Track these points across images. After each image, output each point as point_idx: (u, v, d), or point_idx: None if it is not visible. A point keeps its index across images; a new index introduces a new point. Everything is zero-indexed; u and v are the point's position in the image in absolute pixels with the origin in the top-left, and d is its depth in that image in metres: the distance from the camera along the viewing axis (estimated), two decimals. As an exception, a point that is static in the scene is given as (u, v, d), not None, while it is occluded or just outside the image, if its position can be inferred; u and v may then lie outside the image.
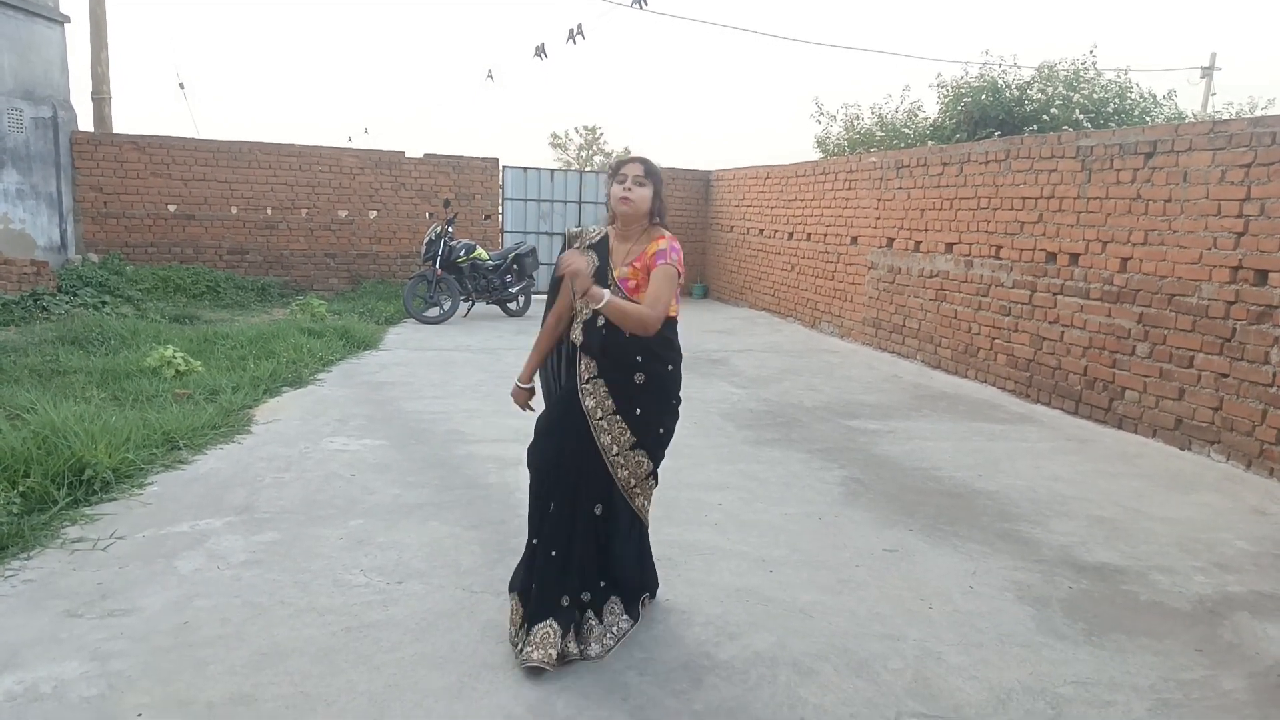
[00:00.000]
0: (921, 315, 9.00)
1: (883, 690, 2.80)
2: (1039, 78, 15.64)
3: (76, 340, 7.73)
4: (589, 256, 2.97)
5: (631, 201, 2.94)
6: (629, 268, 2.96)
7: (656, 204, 3.00)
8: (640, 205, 2.96)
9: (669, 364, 3.04)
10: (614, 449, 2.98)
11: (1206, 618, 3.40)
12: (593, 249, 3.03)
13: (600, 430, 2.97)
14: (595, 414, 2.97)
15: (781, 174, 12.40)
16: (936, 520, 4.38)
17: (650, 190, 2.97)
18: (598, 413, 2.97)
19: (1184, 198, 6.01)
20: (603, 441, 2.97)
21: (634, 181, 2.95)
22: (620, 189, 2.95)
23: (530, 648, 2.81)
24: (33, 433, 4.46)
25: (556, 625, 2.86)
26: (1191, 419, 5.89)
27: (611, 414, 2.97)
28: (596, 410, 2.97)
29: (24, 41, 11.03)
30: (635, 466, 3.02)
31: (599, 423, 2.97)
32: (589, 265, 2.87)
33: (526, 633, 2.87)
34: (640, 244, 2.99)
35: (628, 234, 3.01)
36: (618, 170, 3.00)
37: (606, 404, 2.96)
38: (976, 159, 8.22)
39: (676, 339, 3.08)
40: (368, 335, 9.16)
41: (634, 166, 2.98)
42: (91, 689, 2.63)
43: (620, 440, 2.98)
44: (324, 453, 5.15)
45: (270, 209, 12.82)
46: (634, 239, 3.00)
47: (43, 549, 3.60)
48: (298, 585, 3.39)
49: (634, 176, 2.96)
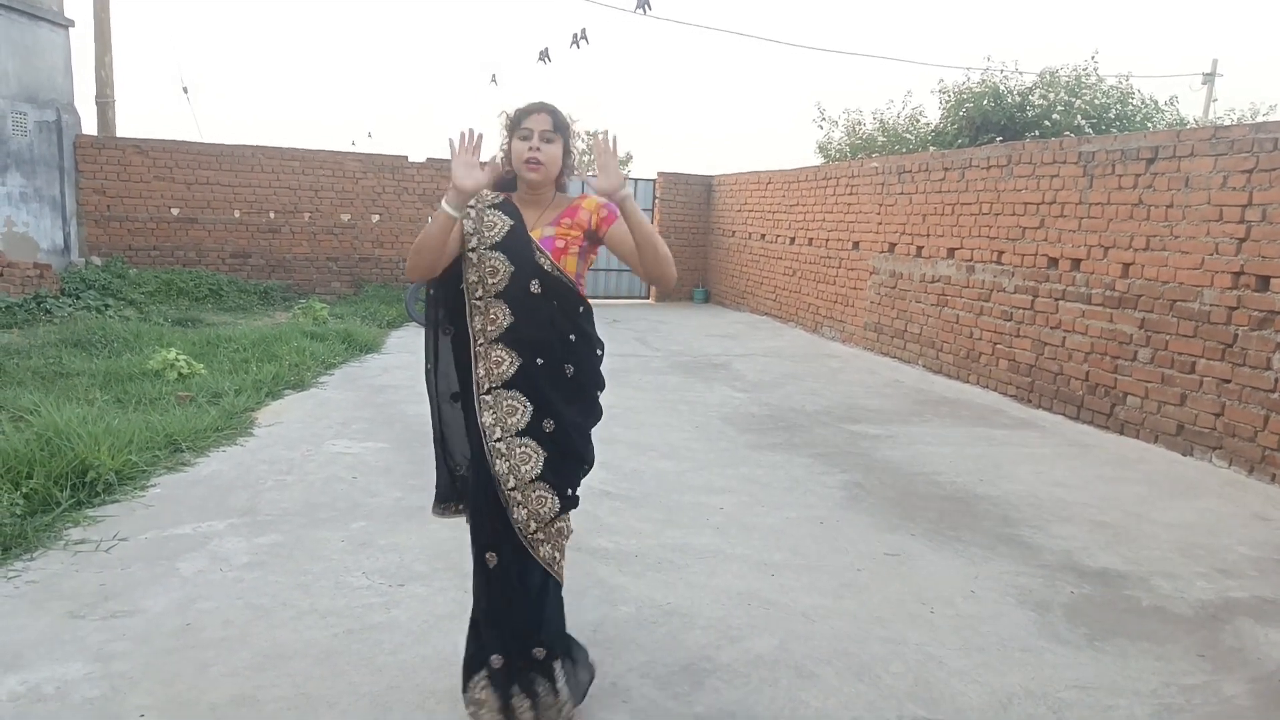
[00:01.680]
0: (923, 320, 9.01)
1: (884, 694, 2.80)
2: (1041, 83, 15.68)
3: (79, 343, 7.75)
4: (492, 215, 2.42)
5: (541, 165, 2.38)
6: (555, 227, 2.43)
7: (567, 162, 2.46)
8: (551, 167, 2.41)
9: (598, 348, 2.54)
10: (510, 480, 2.36)
11: (1208, 623, 3.40)
12: (498, 209, 2.44)
13: (495, 455, 2.37)
14: (493, 433, 2.37)
15: (783, 179, 12.42)
16: (938, 525, 4.38)
17: (560, 147, 2.41)
18: (495, 432, 2.37)
19: (1186, 203, 6.02)
20: (497, 469, 2.36)
21: (541, 138, 2.37)
22: (525, 148, 2.37)
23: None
24: (36, 434, 4.47)
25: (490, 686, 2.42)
26: (1193, 424, 5.89)
27: (515, 434, 2.38)
28: (495, 429, 2.37)
29: (28, 45, 11.07)
30: (535, 505, 2.38)
31: (494, 445, 2.37)
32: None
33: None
34: (558, 204, 2.49)
35: (534, 198, 2.47)
36: (519, 123, 2.39)
37: (511, 420, 2.37)
38: (978, 164, 8.23)
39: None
40: (370, 339, 9.18)
41: (540, 118, 2.37)
42: (94, 690, 2.64)
43: (520, 469, 2.37)
44: (326, 455, 5.15)
45: (273, 213, 12.84)
46: (543, 204, 2.47)
47: (46, 550, 3.61)
48: (300, 587, 3.39)
49: (541, 131, 2.37)
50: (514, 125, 2.41)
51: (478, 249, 2.40)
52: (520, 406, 2.39)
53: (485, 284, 2.39)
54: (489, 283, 2.39)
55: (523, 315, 2.38)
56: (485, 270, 2.39)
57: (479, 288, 2.40)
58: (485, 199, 2.46)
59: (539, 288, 2.40)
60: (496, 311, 2.39)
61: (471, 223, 2.42)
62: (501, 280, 2.39)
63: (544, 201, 2.48)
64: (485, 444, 2.37)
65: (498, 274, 2.39)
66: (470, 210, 2.43)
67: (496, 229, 2.41)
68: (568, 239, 2.44)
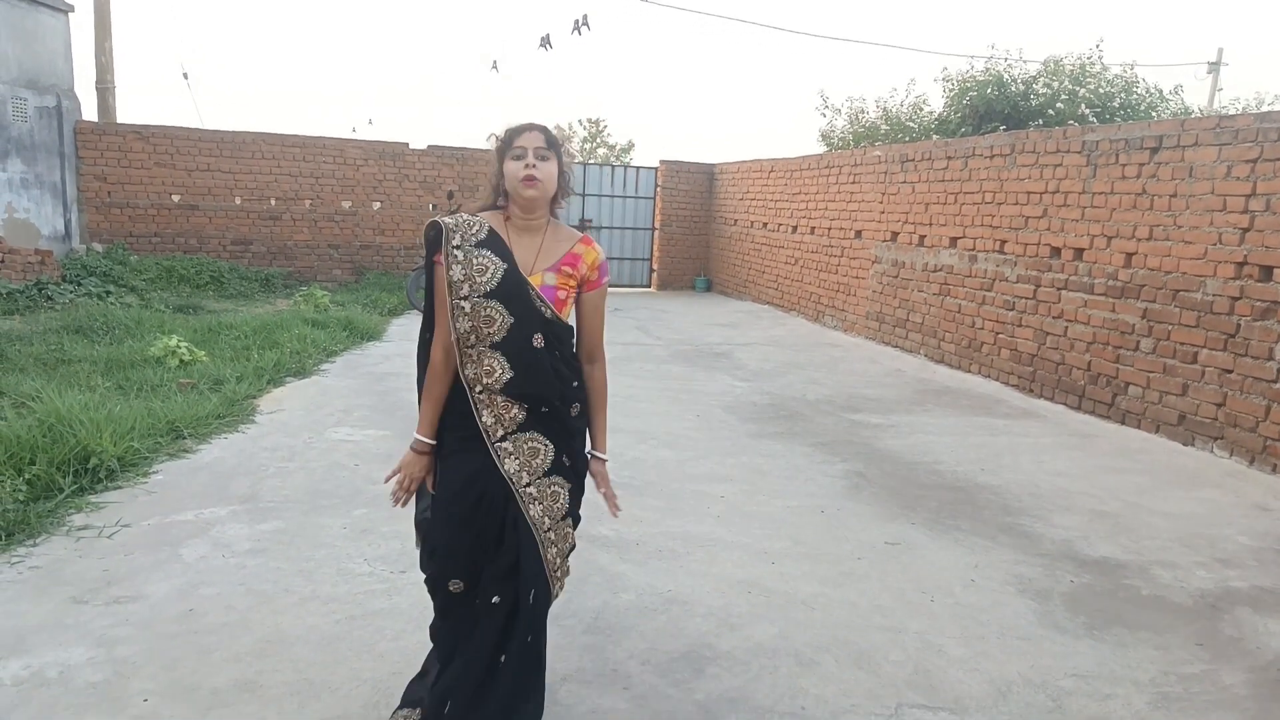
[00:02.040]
0: (925, 310, 9.00)
1: (883, 682, 2.81)
2: (1045, 72, 15.61)
3: (81, 329, 7.76)
4: (481, 258, 2.23)
5: (539, 181, 2.25)
6: (556, 275, 2.30)
7: (563, 181, 2.35)
8: (549, 184, 2.29)
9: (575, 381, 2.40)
10: (545, 522, 2.28)
11: (1207, 612, 3.41)
12: (486, 248, 2.24)
13: (528, 500, 2.26)
14: (521, 479, 2.25)
15: (785, 167, 12.38)
16: (938, 514, 4.39)
17: (555, 164, 2.30)
18: (523, 477, 2.26)
19: (1189, 193, 6.00)
20: (532, 514, 2.26)
21: (536, 155, 2.26)
22: (520, 167, 2.25)
23: None
24: (38, 421, 4.48)
25: None
26: (1195, 415, 5.89)
27: (543, 475, 2.29)
28: (522, 474, 2.26)
29: (28, 31, 11.03)
30: (563, 541, 2.36)
31: (525, 490, 2.26)
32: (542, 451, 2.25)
33: None
34: (552, 239, 2.34)
35: (529, 223, 2.32)
36: (512, 143, 2.28)
37: (535, 461, 2.28)
38: (981, 153, 8.20)
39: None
40: (371, 326, 9.18)
41: (533, 136, 2.28)
42: (97, 674, 2.65)
43: (553, 508, 2.30)
44: (328, 442, 5.16)
45: (274, 200, 12.82)
46: (539, 231, 2.33)
47: (49, 536, 3.62)
48: (302, 574, 3.40)
49: (535, 149, 2.26)
50: (505, 146, 2.30)
51: (470, 297, 2.22)
52: (542, 446, 2.30)
53: (480, 333, 2.22)
54: (484, 332, 2.22)
55: (521, 369, 2.24)
56: (480, 320, 2.22)
57: (472, 336, 2.23)
58: (470, 232, 2.26)
59: (542, 341, 2.26)
60: (492, 364, 2.23)
61: (460, 267, 2.23)
62: (499, 331, 2.23)
63: (538, 228, 2.33)
64: (515, 490, 2.25)
65: (494, 324, 2.22)
66: (456, 252, 2.24)
67: (489, 274, 2.23)
68: (569, 290, 2.34)
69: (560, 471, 2.33)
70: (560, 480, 2.32)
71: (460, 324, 2.22)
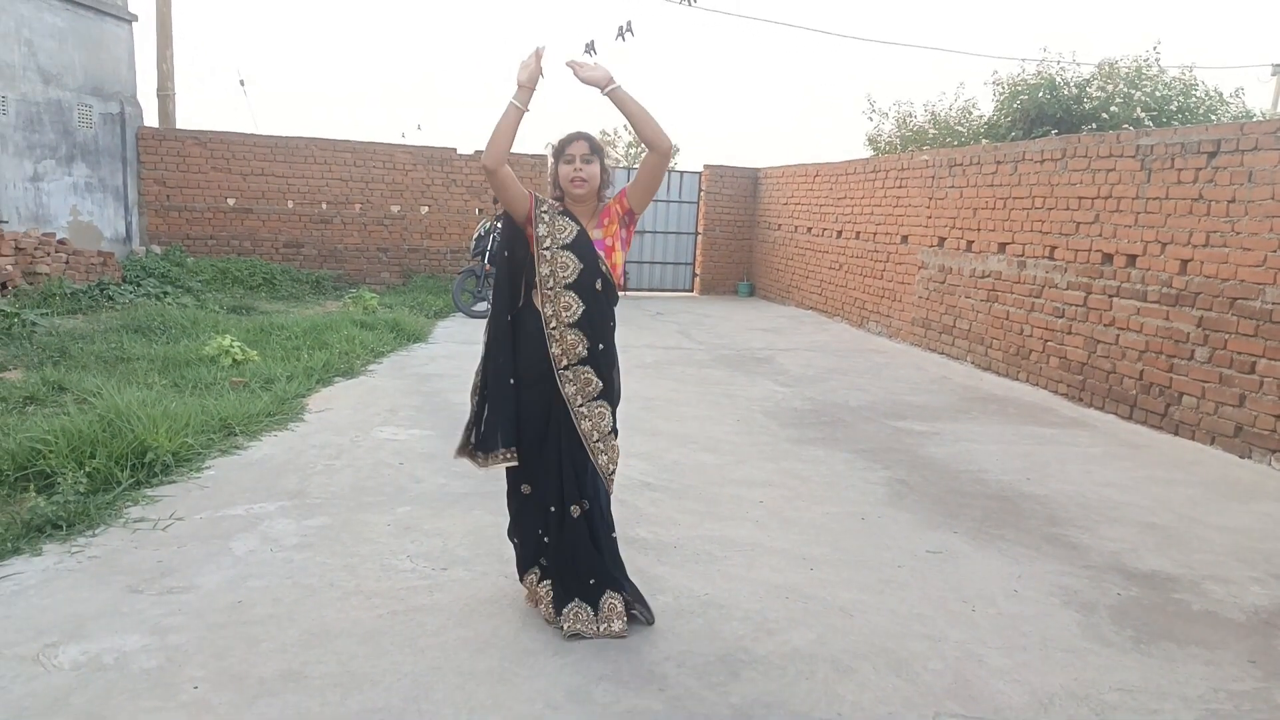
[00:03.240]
0: (972, 316, 8.86)
1: (922, 690, 2.78)
2: (1099, 75, 15.27)
3: (140, 329, 8.01)
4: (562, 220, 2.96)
5: (585, 181, 2.94)
6: (601, 229, 3.00)
7: (605, 178, 3.02)
8: (593, 183, 2.97)
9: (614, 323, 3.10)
10: (594, 434, 2.99)
11: (1262, 629, 3.32)
12: (565, 215, 2.98)
13: (580, 418, 2.98)
14: (575, 401, 2.97)
15: (831, 172, 12.30)
16: (982, 523, 4.33)
17: (598, 166, 2.97)
18: (577, 399, 2.97)
19: (1248, 198, 5.83)
20: (583, 428, 2.98)
21: (582, 160, 2.94)
22: (570, 170, 2.94)
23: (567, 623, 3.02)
24: (99, 416, 4.64)
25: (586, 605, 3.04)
26: (1253, 426, 5.72)
27: (592, 400, 2.99)
28: (577, 397, 2.97)
29: (95, 40, 11.43)
30: (611, 451, 3.05)
31: (579, 410, 2.98)
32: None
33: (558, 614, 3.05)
34: (597, 214, 3.04)
35: (579, 210, 3.02)
36: (563, 151, 2.97)
37: (588, 389, 2.98)
38: (1032, 158, 8.07)
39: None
40: (417, 328, 9.32)
41: (579, 145, 2.96)
42: (151, 661, 2.74)
43: (600, 425, 3.01)
44: (374, 441, 5.26)
45: (325, 204, 13.10)
46: (589, 214, 3.03)
47: (107, 527, 3.75)
48: (347, 569, 3.48)
49: (581, 155, 2.94)
50: (559, 153, 2.98)
51: (551, 247, 2.93)
52: (593, 379, 2.99)
53: (556, 276, 2.93)
54: (559, 275, 2.93)
55: (592, 305, 2.95)
56: (557, 265, 2.93)
57: (550, 279, 2.92)
58: (555, 207, 2.98)
59: (601, 285, 2.97)
60: (569, 299, 2.94)
61: (545, 226, 2.94)
62: (571, 274, 2.93)
63: (589, 211, 3.03)
64: (571, 409, 2.95)
65: (568, 269, 2.93)
66: (544, 215, 2.95)
67: (567, 232, 2.95)
68: (614, 236, 3.01)
69: (605, 396, 3.01)
70: (604, 404, 3.02)
71: (541, 268, 2.93)
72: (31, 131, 10.42)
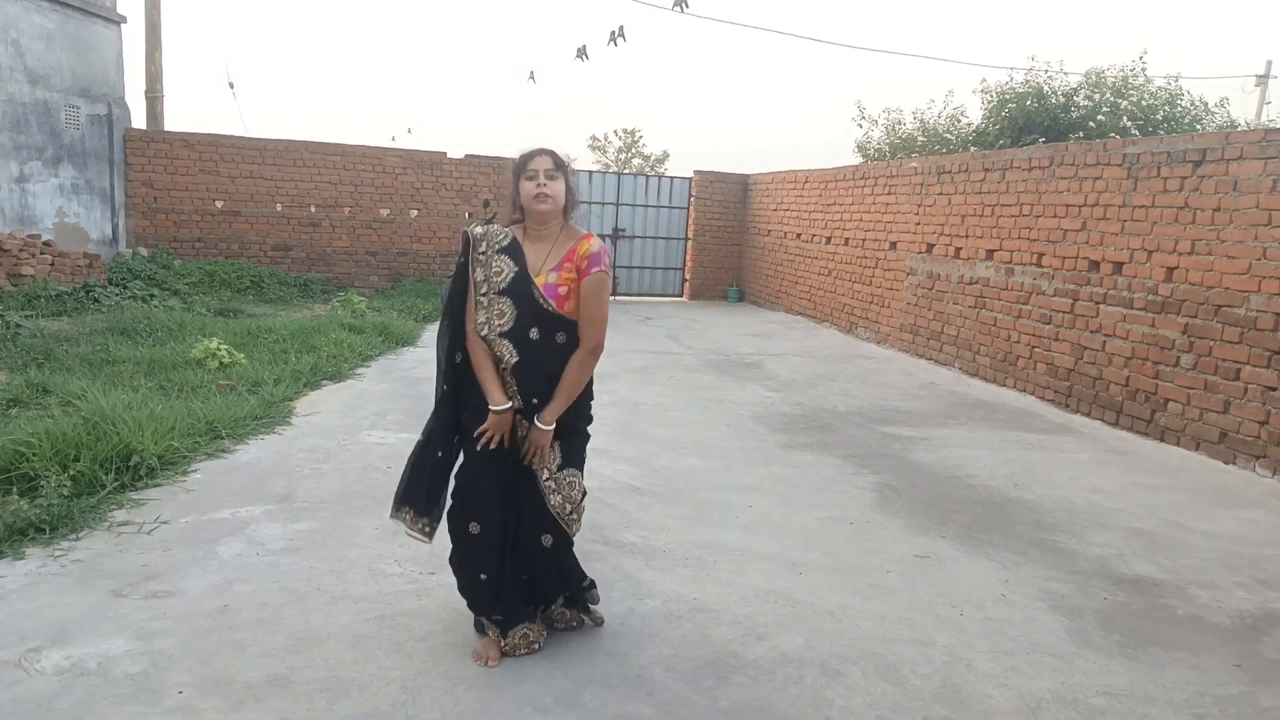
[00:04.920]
0: (960, 322, 8.91)
1: (910, 695, 2.79)
2: (1086, 84, 15.39)
3: (126, 331, 7.95)
4: (499, 262, 2.73)
5: (549, 197, 2.71)
6: (558, 273, 2.73)
7: (569, 197, 2.79)
8: (558, 200, 2.74)
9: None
10: (544, 473, 2.79)
11: (1247, 634, 3.34)
12: (504, 254, 2.74)
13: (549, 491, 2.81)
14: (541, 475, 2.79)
15: (820, 178, 12.35)
16: (970, 528, 4.34)
17: (563, 182, 2.75)
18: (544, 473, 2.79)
19: (1234, 207, 5.89)
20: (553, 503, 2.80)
21: (546, 176, 2.72)
22: (533, 186, 2.71)
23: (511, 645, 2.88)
24: (83, 419, 4.60)
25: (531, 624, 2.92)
26: (1237, 432, 5.76)
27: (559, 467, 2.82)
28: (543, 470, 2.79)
29: (83, 41, 11.36)
30: (568, 489, 2.83)
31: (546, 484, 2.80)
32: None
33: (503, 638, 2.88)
34: (562, 243, 2.77)
35: (542, 233, 2.77)
36: (525, 166, 2.74)
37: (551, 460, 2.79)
38: (1019, 165, 8.12)
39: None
40: (406, 332, 9.29)
41: (543, 160, 2.73)
42: (135, 666, 2.72)
43: (572, 496, 2.83)
44: (362, 445, 5.24)
45: (314, 207, 13.05)
46: (550, 238, 2.77)
47: (91, 531, 3.72)
48: (334, 573, 3.46)
49: (545, 170, 2.72)
50: (519, 169, 2.75)
51: (488, 294, 2.73)
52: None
53: (492, 325, 2.73)
54: (495, 324, 2.73)
55: (522, 355, 2.72)
56: (493, 313, 2.73)
57: (485, 328, 2.73)
58: (495, 240, 2.76)
59: (538, 334, 2.72)
60: (502, 350, 2.72)
61: (481, 270, 2.74)
62: (507, 322, 2.72)
63: (551, 235, 2.78)
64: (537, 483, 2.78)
65: (504, 316, 2.73)
66: (480, 256, 2.75)
67: (502, 275, 2.73)
68: (570, 285, 2.73)
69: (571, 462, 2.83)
70: (575, 472, 2.83)
71: (479, 314, 2.73)
72: (18, 133, 10.34)
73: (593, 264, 2.73)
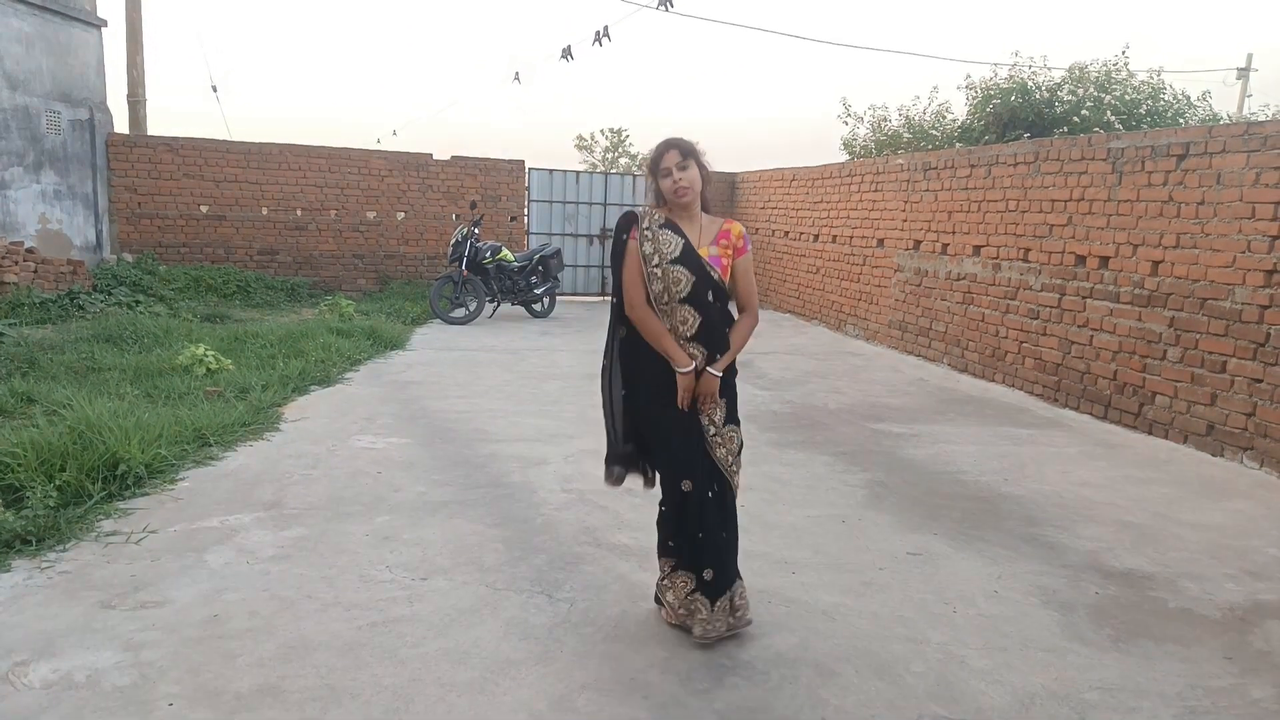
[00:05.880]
0: (948, 318, 8.94)
1: (904, 692, 2.79)
2: (1069, 79, 15.48)
3: (111, 338, 7.88)
4: (666, 235, 2.97)
5: (688, 189, 2.96)
6: (718, 246, 3.03)
7: (705, 174, 3.02)
8: (695, 186, 2.98)
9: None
10: (712, 429, 3.06)
11: (1236, 625, 3.36)
12: (667, 229, 2.99)
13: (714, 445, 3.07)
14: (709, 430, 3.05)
15: (807, 176, 12.36)
16: (961, 524, 4.35)
17: (695, 168, 2.98)
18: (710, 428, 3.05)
19: (1217, 200, 5.92)
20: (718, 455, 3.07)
21: (679, 169, 2.95)
22: (670, 183, 2.96)
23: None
24: (69, 428, 4.55)
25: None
26: (1224, 425, 5.80)
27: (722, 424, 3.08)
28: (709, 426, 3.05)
29: (62, 45, 11.26)
30: (729, 443, 3.11)
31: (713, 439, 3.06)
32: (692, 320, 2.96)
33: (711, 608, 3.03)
34: (709, 224, 3.06)
35: (686, 216, 3.03)
36: (658, 165, 2.98)
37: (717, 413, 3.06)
38: (1005, 161, 8.15)
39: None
40: (394, 335, 9.25)
41: (671, 155, 2.96)
42: (124, 678, 2.69)
43: (716, 418, 3.07)
44: (351, 450, 5.21)
45: (300, 210, 12.98)
46: (697, 220, 3.04)
47: (78, 541, 3.68)
48: (324, 580, 3.43)
49: (676, 164, 2.95)
50: (654, 168, 3.00)
51: (660, 264, 2.95)
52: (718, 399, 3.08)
53: (670, 291, 2.95)
54: (673, 290, 2.95)
55: (704, 318, 2.99)
56: (670, 280, 2.95)
57: (665, 295, 2.95)
58: (655, 220, 3.01)
59: (713, 297, 3.00)
60: (686, 314, 2.97)
61: (650, 244, 2.97)
62: (684, 288, 2.96)
63: (697, 219, 3.05)
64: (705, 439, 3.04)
65: (680, 283, 2.96)
66: (647, 233, 2.98)
67: (673, 246, 2.97)
68: (728, 258, 3.05)
69: (731, 420, 3.10)
70: (734, 428, 3.11)
71: (654, 285, 2.95)
72: (-2, 139, 10.24)
73: (746, 243, 3.09)
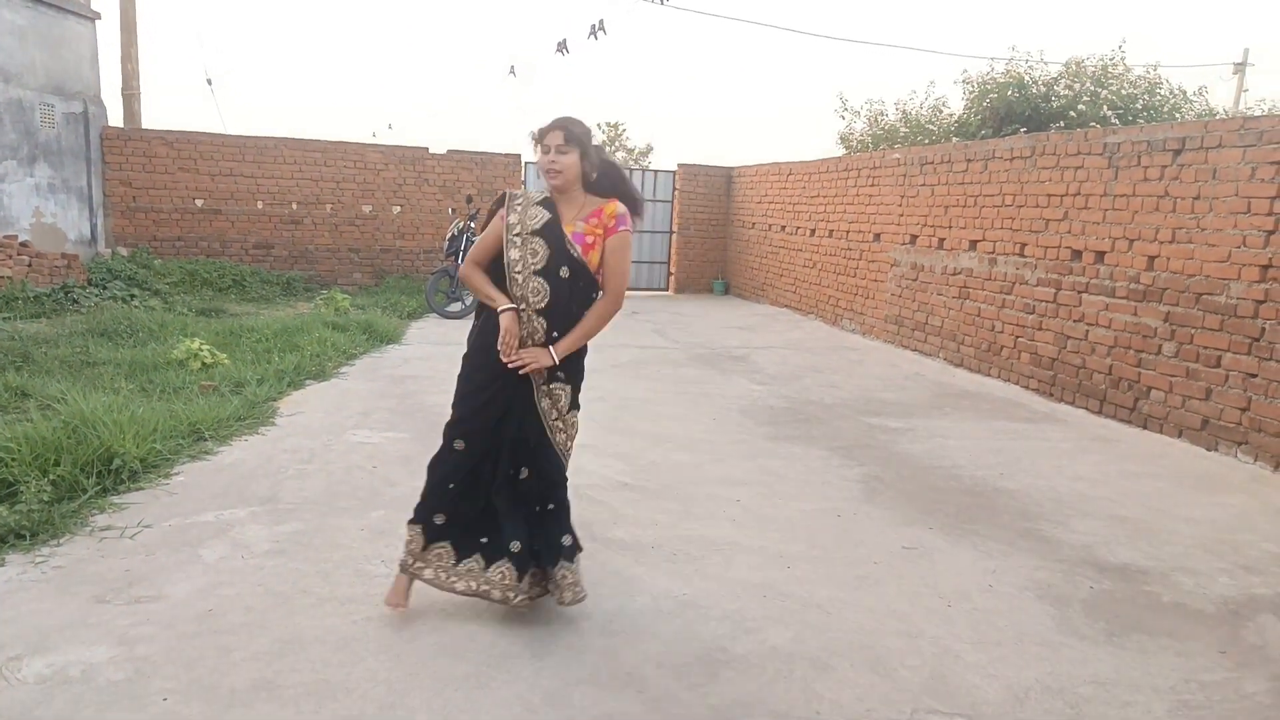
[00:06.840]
0: (944, 313, 8.94)
1: (899, 687, 2.79)
2: (1066, 74, 15.49)
3: (106, 332, 7.86)
4: (535, 210, 2.96)
5: (560, 171, 2.92)
6: (585, 223, 2.96)
7: (586, 165, 2.96)
8: (568, 173, 2.93)
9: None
10: (553, 413, 3.03)
11: (1230, 619, 3.37)
12: (540, 205, 2.98)
13: (541, 396, 3.01)
14: (536, 380, 2.99)
15: (804, 170, 12.35)
16: (956, 519, 4.36)
17: (575, 155, 2.92)
18: (537, 379, 2.99)
19: (1213, 195, 5.93)
20: (542, 406, 3.02)
21: (556, 151, 2.91)
22: (545, 160, 2.93)
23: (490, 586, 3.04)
24: (63, 423, 4.53)
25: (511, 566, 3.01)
26: (1218, 419, 5.82)
27: (548, 381, 3.01)
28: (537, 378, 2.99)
29: (56, 38, 11.21)
30: (570, 429, 3.10)
31: (540, 388, 3.01)
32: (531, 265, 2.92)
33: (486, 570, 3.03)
34: (589, 204, 3.00)
35: (565, 198, 3.00)
36: (540, 139, 2.95)
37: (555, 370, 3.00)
38: (1001, 155, 8.15)
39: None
40: (390, 330, 9.23)
41: (554, 135, 2.92)
42: (119, 673, 2.69)
43: (559, 404, 3.04)
44: (346, 445, 5.20)
45: (295, 204, 12.95)
46: (577, 202, 3.00)
47: (72, 536, 3.67)
48: (320, 575, 3.43)
49: (556, 146, 2.91)
50: (538, 142, 2.97)
51: (522, 234, 2.94)
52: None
53: (526, 262, 2.93)
54: (529, 260, 2.93)
55: (557, 290, 2.93)
56: (527, 251, 2.94)
57: (519, 264, 2.93)
58: (532, 197, 3.01)
59: (567, 273, 2.94)
60: (537, 285, 2.93)
61: (516, 215, 2.96)
62: (540, 260, 2.93)
63: (575, 200, 3.00)
64: (535, 386, 2.99)
65: (537, 255, 2.93)
66: (516, 205, 2.98)
67: (538, 219, 2.96)
68: (595, 237, 2.96)
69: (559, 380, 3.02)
70: (560, 385, 3.03)
71: (511, 253, 2.93)
72: (-9, 132, 10.19)
73: (619, 224, 2.98)
